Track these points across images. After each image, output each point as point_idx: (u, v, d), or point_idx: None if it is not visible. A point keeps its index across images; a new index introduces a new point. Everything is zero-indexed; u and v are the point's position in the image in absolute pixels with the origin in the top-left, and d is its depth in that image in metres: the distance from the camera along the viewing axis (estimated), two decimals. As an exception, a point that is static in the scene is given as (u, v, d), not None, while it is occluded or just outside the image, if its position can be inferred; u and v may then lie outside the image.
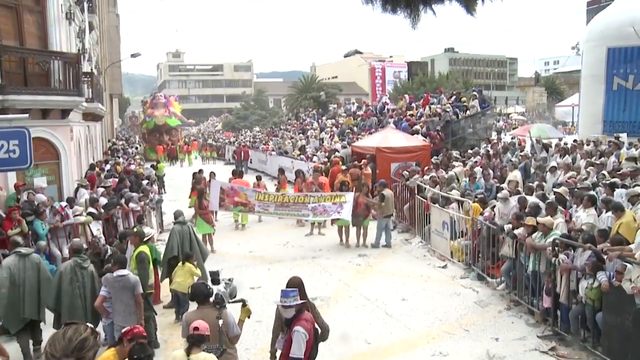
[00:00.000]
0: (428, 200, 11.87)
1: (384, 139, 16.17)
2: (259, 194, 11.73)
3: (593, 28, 20.04)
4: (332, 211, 11.39)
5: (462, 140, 19.25)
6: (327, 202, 11.42)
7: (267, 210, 11.60)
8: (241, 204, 11.70)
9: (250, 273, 10.32)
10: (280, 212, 11.58)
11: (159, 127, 36.73)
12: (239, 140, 37.67)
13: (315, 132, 26.07)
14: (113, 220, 11.29)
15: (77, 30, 17.29)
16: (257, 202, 11.57)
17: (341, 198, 11.46)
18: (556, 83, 73.79)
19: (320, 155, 20.48)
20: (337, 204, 11.37)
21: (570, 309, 6.88)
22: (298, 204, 11.45)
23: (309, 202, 11.41)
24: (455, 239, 10.65)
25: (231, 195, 11.81)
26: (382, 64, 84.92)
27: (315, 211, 11.40)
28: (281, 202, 11.50)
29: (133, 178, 15.31)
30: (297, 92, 51.59)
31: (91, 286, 6.69)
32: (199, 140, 45.05)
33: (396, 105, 25.81)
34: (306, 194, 11.73)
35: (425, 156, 15.72)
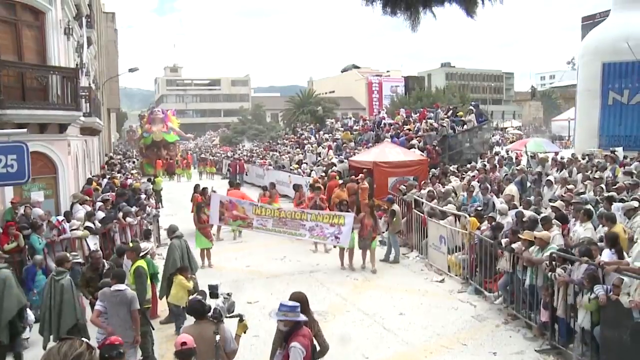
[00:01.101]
0: (425, 214, 11.90)
1: (381, 154, 16.24)
2: (256, 207, 11.74)
3: (588, 43, 20.31)
4: (329, 234, 11.01)
5: (459, 154, 19.36)
6: (324, 222, 11.04)
7: (265, 226, 11.52)
8: (240, 218, 11.72)
9: (247, 287, 10.29)
10: (278, 229, 11.43)
11: (157, 143, 36.69)
12: (236, 154, 37.74)
13: (312, 146, 26.16)
14: (110, 235, 11.27)
15: (75, 45, 17.39)
16: (255, 216, 11.55)
17: (339, 219, 11.05)
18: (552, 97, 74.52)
19: (317, 169, 20.52)
20: (335, 226, 11.00)
21: (567, 323, 6.88)
22: (295, 221, 11.28)
23: (306, 220, 11.17)
24: (452, 254, 10.65)
25: (230, 208, 11.86)
26: (379, 78, 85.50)
27: (312, 232, 11.12)
28: (278, 216, 11.44)
29: (130, 192, 15.32)
30: (295, 106, 51.84)
31: (60, 300, 6.51)
32: (193, 155, 44.85)
33: (393, 119, 25.97)
34: (303, 210, 11.61)
35: (422, 170, 15.78)
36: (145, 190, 17.26)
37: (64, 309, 6.51)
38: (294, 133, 35.89)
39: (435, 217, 11.42)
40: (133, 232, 12.01)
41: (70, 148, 13.43)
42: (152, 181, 20.99)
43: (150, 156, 36.45)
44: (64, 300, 6.54)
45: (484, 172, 14.53)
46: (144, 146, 37.57)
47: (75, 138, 15.36)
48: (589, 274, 6.41)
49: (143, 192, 16.46)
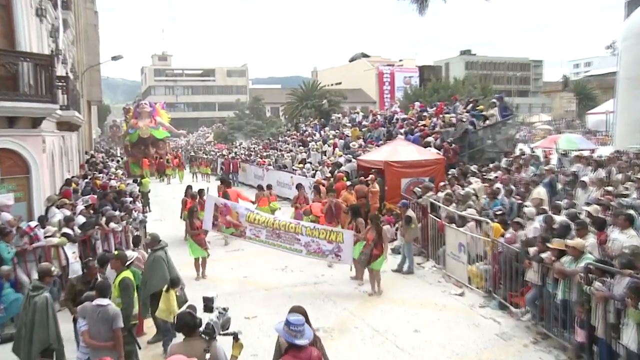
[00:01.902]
0: (442, 219, 11.84)
1: (393, 152, 16.21)
2: (250, 213, 11.65)
3: (633, 24, 19.81)
4: (328, 252, 10.82)
5: (481, 153, 19.25)
6: (321, 237, 10.84)
7: (259, 237, 11.41)
8: (233, 225, 11.64)
9: (244, 301, 10.26)
10: (272, 241, 11.30)
11: (144, 140, 36.71)
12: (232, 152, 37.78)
13: (317, 144, 26.11)
14: (91, 243, 11.24)
15: (49, 29, 17.23)
16: (248, 224, 11.46)
17: (337, 236, 10.81)
18: (587, 87, 73.86)
19: (322, 170, 20.49)
20: (332, 242, 10.78)
21: (609, 344, 6.69)
22: (289, 233, 11.09)
23: (301, 233, 10.99)
24: (473, 263, 10.61)
25: (224, 213, 11.79)
26: (391, 68, 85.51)
27: (308, 247, 10.92)
28: (272, 227, 11.29)
29: (114, 195, 15.33)
30: (297, 99, 51.89)
31: (32, 320, 6.40)
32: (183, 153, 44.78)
33: (407, 114, 25.89)
34: (299, 223, 11.46)
35: (439, 171, 15.71)
36: (131, 192, 17.29)
37: (36, 330, 6.38)
38: (297, 129, 35.87)
39: (454, 223, 11.36)
40: (117, 240, 11.99)
41: (45, 145, 13.35)
42: (138, 182, 21.04)
43: (136, 154, 36.52)
44: (36, 321, 6.40)
45: (508, 172, 14.45)
46: (129, 143, 37.63)
47: (51, 134, 15.31)
48: (633, 286, 6.20)
49: (128, 195, 16.48)
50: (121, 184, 19.12)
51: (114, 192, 16.04)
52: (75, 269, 9.87)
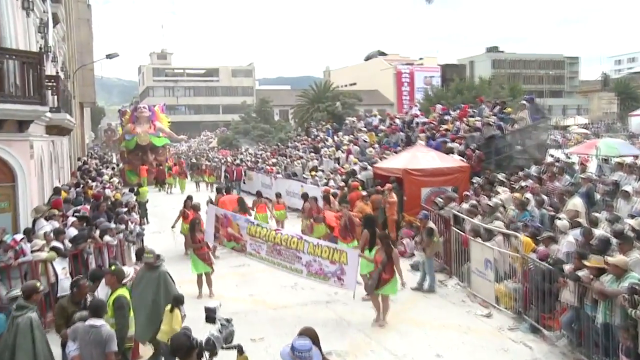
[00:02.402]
0: (467, 233, 11.79)
1: (412, 159, 16.21)
2: (252, 226, 11.64)
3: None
4: (330, 274, 10.61)
5: (509, 159, 19.14)
6: (323, 256, 10.68)
7: (259, 253, 11.43)
8: (234, 238, 11.69)
9: (250, 321, 10.26)
10: (272, 258, 11.28)
11: (142, 146, 36.88)
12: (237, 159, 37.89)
13: (329, 150, 26.14)
14: (83, 257, 11.27)
15: (37, 24, 17.26)
16: (249, 237, 11.48)
17: (341, 256, 10.55)
18: (631, 86, 73.01)
19: (336, 178, 20.50)
20: (336, 263, 10.55)
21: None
22: (290, 250, 11.03)
23: (302, 251, 10.91)
24: (501, 281, 10.54)
25: (225, 224, 11.86)
26: (411, 67, 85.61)
27: (310, 267, 10.82)
28: (273, 241, 11.26)
29: (109, 205, 15.42)
30: (308, 102, 52.10)
31: (13, 344, 6.29)
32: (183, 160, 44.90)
33: (427, 117, 25.85)
34: (301, 237, 11.40)
35: (463, 180, 15.69)
36: (127, 202, 17.38)
37: (18, 356, 6.25)
38: (308, 134, 35.96)
39: (480, 237, 11.31)
40: (112, 254, 12.05)
41: (32, 151, 13.39)
42: (135, 192, 21.15)
43: (133, 162, 36.68)
44: (17, 345, 6.27)
45: (539, 181, 14.35)
46: (126, 150, 37.80)
47: (40, 138, 15.36)
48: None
49: (124, 205, 16.57)
50: (116, 194, 19.27)
51: (108, 202, 16.14)
52: (65, 286, 9.73)
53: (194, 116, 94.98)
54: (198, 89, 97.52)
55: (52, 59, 20.86)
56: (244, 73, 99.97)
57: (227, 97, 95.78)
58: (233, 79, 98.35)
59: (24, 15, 14.38)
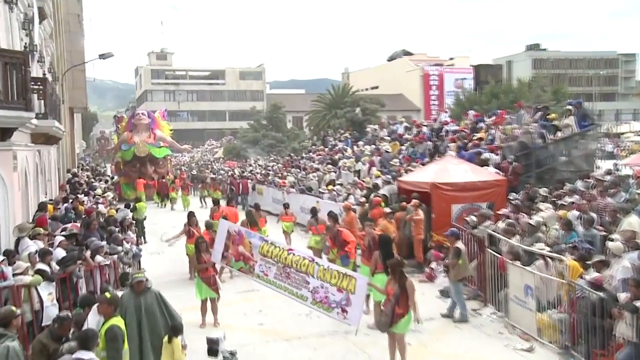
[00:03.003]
0: (504, 255, 11.71)
1: (442, 172, 16.19)
2: (265, 244, 11.64)
3: None
4: (334, 304, 10.43)
5: (552, 172, 19.00)
6: (332, 282, 10.52)
7: (267, 276, 11.44)
8: (244, 258, 11.69)
9: (260, 354, 10.27)
10: (279, 282, 11.30)
11: (141, 158, 37.03)
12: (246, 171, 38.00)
13: (348, 162, 26.15)
14: (72, 281, 11.29)
15: (21, 19, 17.29)
16: (260, 257, 11.49)
17: (350, 283, 10.31)
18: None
19: (356, 193, 20.49)
20: (342, 291, 10.36)
21: None
22: (300, 274, 11.06)
23: (312, 274, 10.88)
24: (544, 311, 10.44)
25: (236, 242, 11.86)
26: (440, 68, 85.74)
27: (315, 295, 10.70)
28: (284, 262, 11.31)
29: (102, 222, 15.51)
30: (324, 107, 52.33)
31: None
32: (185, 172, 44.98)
33: (459, 125, 25.78)
34: (313, 259, 11.41)
35: (499, 195, 15.64)
36: (122, 219, 17.51)
37: None
38: (324, 143, 36.03)
39: (519, 260, 11.23)
40: (104, 277, 12.10)
41: (16, 162, 13.49)
42: (132, 208, 21.29)
43: (130, 174, 36.64)
44: None
45: (588, 197, 14.23)
46: (122, 161, 37.98)
47: (25, 148, 15.48)
48: None
49: (119, 223, 16.68)
50: (111, 210, 19.39)
51: (101, 219, 16.24)
52: (51, 313, 9.67)
53: (197, 123, 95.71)
54: (202, 93, 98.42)
55: (38, 59, 20.96)
56: (253, 75, 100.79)
57: (234, 102, 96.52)
58: (241, 82, 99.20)
59: (7, 9, 14.45)
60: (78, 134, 55.23)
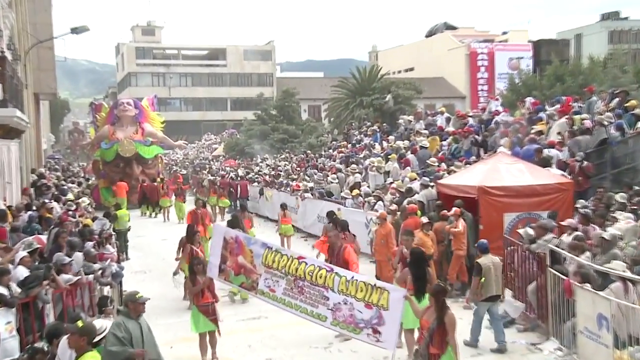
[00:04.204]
0: (570, 277, 11.59)
1: (492, 173, 16.18)
2: (269, 252, 11.48)
3: None
4: (363, 324, 10.27)
5: (633, 173, 18.83)
6: (359, 297, 10.34)
7: (274, 292, 11.26)
8: (245, 271, 11.55)
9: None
10: (290, 299, 11.09)
11: (127, 158, 37.03)
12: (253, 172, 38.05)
13: (377, 160, 26.11)
14: (37, 307, 11.29)
15: None
16: (264, 269, 11.35)
17: (382, 297, 10.15)
18: None
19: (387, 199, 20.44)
20: (372, 308, 10.18)
21: None
22: (316, 288, 10.81)
23: (332, 287, 10.66)
24: (623, 348, 10.31)
25: (235, 252, 11.72)
26: (490, 46, 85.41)
27: (336, 313, 10.54)
28: (295, 273, 11.13)
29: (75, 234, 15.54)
30: (348, 94, 52.19)
31: None
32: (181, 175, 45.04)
33: (513, 115, 25.64)
34: (332, 269, 11.17)
35: (564, 202, 15.59)
36: (101, 231, 17.55)
37: None
38: (347, 138, 36.03)
39: (589, 283, 11.10)
40: (75, 301, 12.09)
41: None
42: (111, 217, 21.35)
43: (112, 175, 36.57)
44: None
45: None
46: (101, 161, 38.02)
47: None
48: None
49: (97, 235, 16.71)
50: (86, 219, 19.42)
51: (75, 229, 16.27)
52: (10, 347, 9.73)
53: (192, 113, 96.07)
54: (198, 77, 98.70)
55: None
56: (261, 55, 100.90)
57: (237, 88, 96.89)
58: (245, 63, 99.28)
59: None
60: (45, 125, 55.57)
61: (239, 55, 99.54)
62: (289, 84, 75.22)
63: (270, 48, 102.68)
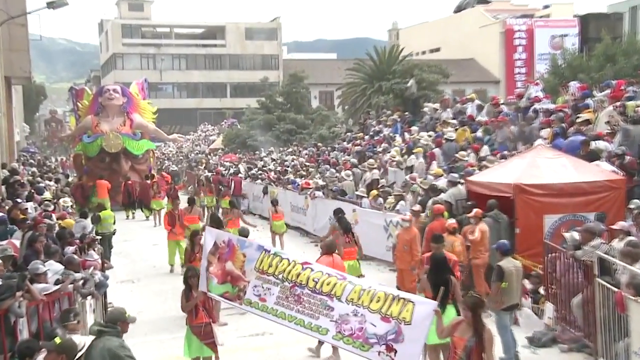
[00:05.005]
0: (623, 289, 11.53)
1: (530, 169, 16.16)
2: (266, 256, 11.24)
3: None
4: (375, 340, 9.84)
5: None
6: (372, 308, 9.96)
7: (264, 302, 10.91)
8: (232, 279, 11.31)
9: None
10: (284, 309, 10.75)
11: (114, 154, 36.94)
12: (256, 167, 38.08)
13: (397, 154, 26.09)
14: (8, 321, 11.31)
15: None
16: (255, 275, 11.09)
17: (404, 309, 9.74)
18: None
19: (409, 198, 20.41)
20: (390, 321, 9.76)
21: None
22: (317, 296, 10.49)
23: (340, 296, 10.32)
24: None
25: (224, 257, 11.50)
26: (529, 22, 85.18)
27: (343, 325, 10.14)
28: (295, 280, 10.82)
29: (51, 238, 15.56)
30: (365, 79, 52.15)
31: None
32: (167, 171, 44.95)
33: (555, 102, 25.56)
34: (344, 276, 10.83)
35: (615, 202, 15.52)
36: (82, 234, 17.57)
37: None
38: (364, 129, 36.01)
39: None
40: (53, 314, 12.12)
41: None
42: (95, 218, 21.36)
43: (96, 172, 36.25)
44: None
45: None
46: (84, 156, 38.00)
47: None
48: None
49: (78, 239, 16.73)
50: (66, 220, 19.42)
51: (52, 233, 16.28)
52: None
53: (187, 100, 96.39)
54: (193, 59, 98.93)
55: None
56: (265, 34, 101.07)
57: (238, 72, 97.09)
58: (248, 43, 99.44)
59: None
60: (18, 114, 55.62)
61: (240, 34, 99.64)
62: (297, 66, 75.23)
63: (276, 26, 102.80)
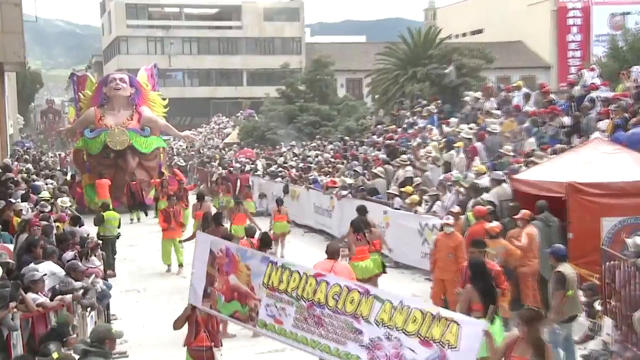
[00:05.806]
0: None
1: (586, 166, 16.15)
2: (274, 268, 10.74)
3: None
4: None
5: None
6: (409, 330, 9.44)
7: (280, 324, 10.49)
8: (239, 296, 10.96)
9: None
10: (304, 333, 10.32)
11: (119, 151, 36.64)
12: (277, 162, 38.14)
13: (434, 149, 26.06)
14: (1, 334, 11.33)
15: None
16: (266, 292, 10.74)
17: (448, 330, 9.20)
18: None
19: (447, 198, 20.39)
20: (432, 345, 9.25)
21: None
22: (341, 316, 10.09)
23: (368, 316, 9.96)
24: None
25: (224, 270, 11.10)
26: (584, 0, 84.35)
27: (375, 351, 9.59)
28: (311, 297, 10.39)
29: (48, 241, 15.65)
30: (397, 64, 51.98)
31: None
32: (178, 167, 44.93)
33: (615, 90, 25.43)
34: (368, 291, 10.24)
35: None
36: (82, 237, 17.63)
37: None
38: (396, 121, 35.97)
39: None
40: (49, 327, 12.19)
41: None
42: (97, 219, 21.46)
43: (99, 169, 36.26)
44: None
45: None
46: (85, 152, 38.18)
47: None
48: None
49: (78, 243, 16.80)
50: (65, 221, 19.47)
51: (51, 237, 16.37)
52: None
53: (199, 89, 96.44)
54: (205, 42, 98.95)
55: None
56: (286, 14, 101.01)
57: (255, 57, 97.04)
58: (266, 25, 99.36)
59: None
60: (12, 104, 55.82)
61: (258, 14, 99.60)
62: (322, 51, 74.83)
63: (298, 5, 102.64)
